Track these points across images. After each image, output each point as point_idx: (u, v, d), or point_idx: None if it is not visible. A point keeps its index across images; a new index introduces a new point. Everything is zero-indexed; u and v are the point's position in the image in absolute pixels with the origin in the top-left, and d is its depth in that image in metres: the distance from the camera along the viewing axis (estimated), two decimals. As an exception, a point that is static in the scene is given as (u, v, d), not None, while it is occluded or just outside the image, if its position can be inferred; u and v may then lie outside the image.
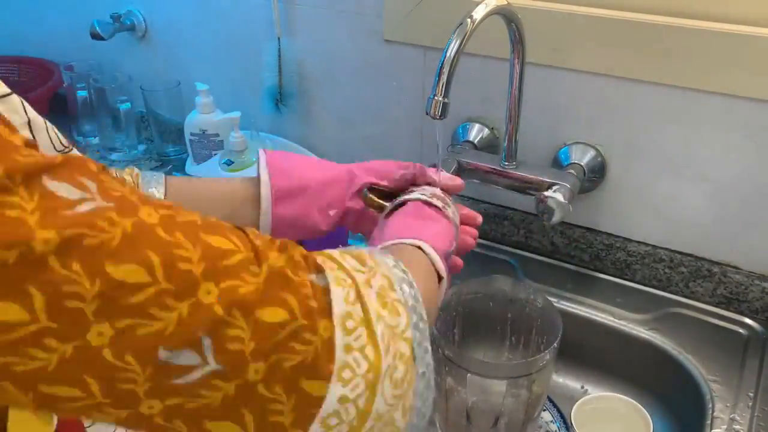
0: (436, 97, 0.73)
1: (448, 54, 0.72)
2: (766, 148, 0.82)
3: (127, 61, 1.33)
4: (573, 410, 0.76)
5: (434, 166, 0.74)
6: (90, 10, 1.29)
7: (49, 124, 0.42)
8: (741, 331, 0.88)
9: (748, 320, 0.89)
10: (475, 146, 0.99)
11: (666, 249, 0.94)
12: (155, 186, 0.64)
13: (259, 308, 0.34)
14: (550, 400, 0.87)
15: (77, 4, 1.34)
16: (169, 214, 0.34)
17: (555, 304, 0.94)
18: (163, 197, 0.63)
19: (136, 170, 0.65)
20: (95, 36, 1.24)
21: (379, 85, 1.06)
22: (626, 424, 0.77)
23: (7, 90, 0.39)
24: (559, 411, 0.86)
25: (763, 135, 0.82)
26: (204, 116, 1.19)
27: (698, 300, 0.93)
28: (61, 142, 0.43)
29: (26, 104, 0.40)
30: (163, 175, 0.66)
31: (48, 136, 0.42)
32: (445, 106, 0.73)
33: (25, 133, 0.39)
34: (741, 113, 0.82)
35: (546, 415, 0.85)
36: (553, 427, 0.83)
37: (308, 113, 1.17)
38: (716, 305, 0.92)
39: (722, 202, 0.88)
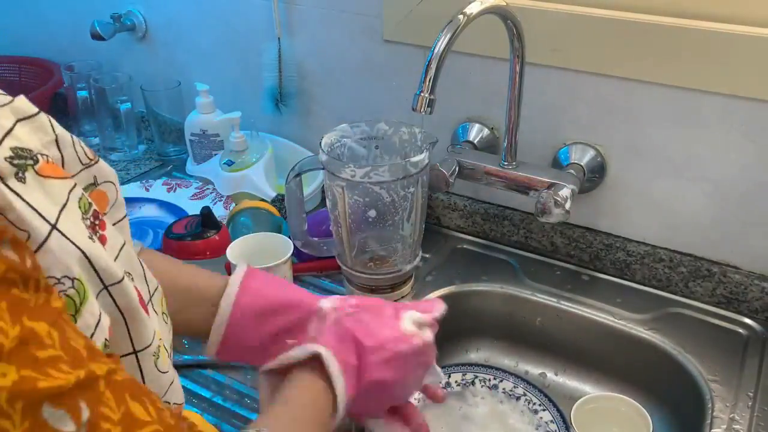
0: (422, 93, 0.73)
1: (436, 50, 0.72)
2: (766, 148, 0.82)
3: (127, 61, 1.34)
4: (573, 410, 0.76)
5: (434, 166, 0.73)
6: (90, 10, 1.29)
7: (75, 138, 0.43)
8: (740, 330, 0.88)
9: (747, 320, 0.89)
10: (475, 146, 0.99)
11: (665, 249, 0.94)
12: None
13: None
14: (550, 400, 0.87)
15: (77, 4, 1.34)
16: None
17: (555, 304, 0.94)
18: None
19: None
20: (95, 36, 1.25)
21: (379, 85, 1.06)
22: (626, 424, 0.77)
23: (35, 110, 0.40)
24: (558, 411, 0.86)
25: (763, 135, 0.82)
26: (204, 116, 1.19)
27: (698, 300, 0.93)
28: (86, 155, 0.44)
29: (53, 122, 0.41)
30: (140, 245, 0.62)
31: (74, 151, 0.43)
32: (431, 102, 0.73)
33: (52, 151, 0.40)
34: (741, 113, 0.82)
35: (546, 415, 0.85)
36: (553, 427, 0.83)
37: (308, 113, 1.17)
38: (716, 305, 0.92)
39: (722, 202, 0.88)
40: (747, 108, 0.81)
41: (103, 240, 0.42)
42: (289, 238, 0.91)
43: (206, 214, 0.90)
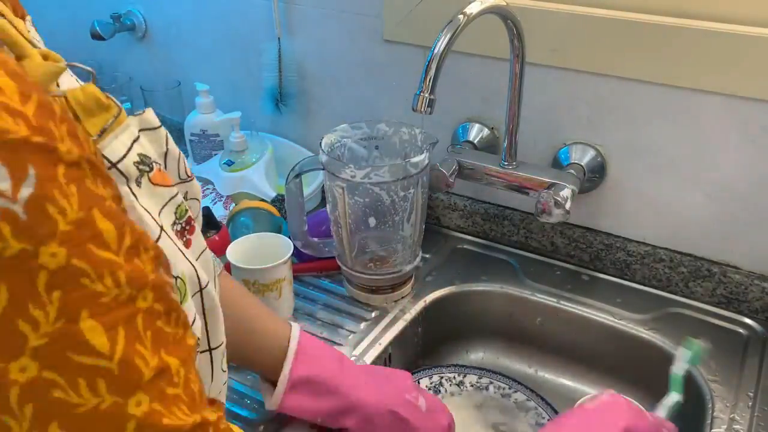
0: (422, 93, 0.73)
1: (436, 50, 0.72)
2: (766, 148, 0.82)
3: (127, 61, 1.34)
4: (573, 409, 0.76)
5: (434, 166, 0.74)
6: (90, 10, 1.29)
7: (182, 155, 0.47)
8: (741, 331, 0.88)
9: (747, 320, 0.89)
10: (475, 146, 0.99)
11: (666, 249, 0.94)
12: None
13: None
14: (543, 399, 0.87)
15: (77, 4, 1.34)
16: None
17: (555, 304, 0.94)
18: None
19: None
20: (95, 36, 1.25)
21: (379, 85, 1.06)
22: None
23: (157, 123, 0.43)
24: (554, 410, 0.86)
25: (763, 135, 0.82)
26: (204, 116, 1.19)
27: (698, 300, 0.93)
28: (186, 172, 0.47)
29: (169, 137, 0.45)
30: (221, 267, 0.68)
31: (177, 166, 0.46)
32: (431, 102, 0.72)
33: (161, 162, 0.43)
34: (741, 113, 0.82)
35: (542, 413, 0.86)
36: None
37: (308, 113, 1.17)
38: (716, 305, 0.92)
39: (722, 202, 0.88)
40: (747, 108, 0.81)
41: (188, 244, 0.45)
42: (289, 238, 0.91)
43: (206, 214, 0.90)
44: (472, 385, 0.90)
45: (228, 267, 0.87)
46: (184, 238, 0.44)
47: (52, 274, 0.28)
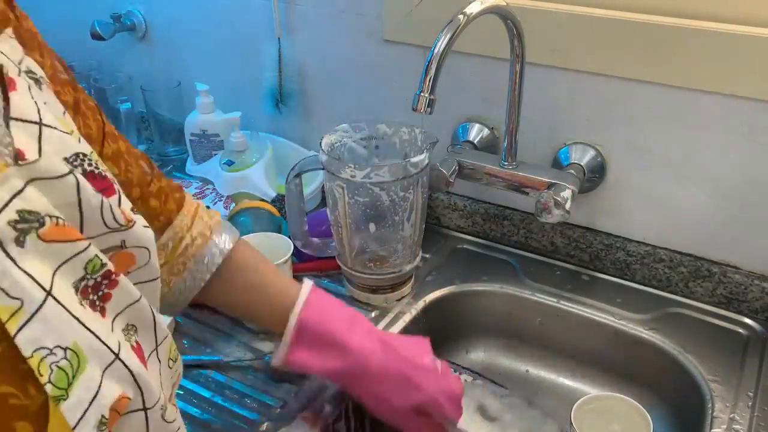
0: (422, 93, 0.73)
1: (436, 50, 0.72)
2: (766, 148, 0.82)
3: (127, 61, 1.34)
4: (573, 410, 0.76)
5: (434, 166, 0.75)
6: (90, 10, 1.29)
7: (106, 203, 0.41)
8: (741, 331, 0.88)
9: (747, 320, 0.89)
10: (475, 146, 0.99)
11: (666, 249, 0.94)
12: (226, 236, 0.67)
13: None
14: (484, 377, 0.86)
15: (77, 4, 1.34)
16: None
17: (555, 304, 0.94)
18: (229, 248, 0.67)
19: (218, 216, 0.69)
20: (95, 36, 1.25)
21: (379, 85, 1.06)
22: (626, 423, 0.77)
23: (63, 170, 0.37)
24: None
25: (763, 135, 0.82)
26: (204, 116, 1.19)
27: (698, 300, 0.93)
28: (116, 221, 0.42)
29: (83, 184, 0.39)
30: (238, 236, 0.69)
31: (101, 216, 0.41)
32: (431, 102, 0.73)
33: (69, 212, 0.38)
34: (741, 113, 0.82)
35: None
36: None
37: (308, 113, 1.17)
38: (716, 305, 0.92)
39: (722, 202, 0.88)
40: (747, 108, 0.81)
41: (106, 299, 0.40)
42: (289, 238, 0.91)
43: (206, 214, 0.90)
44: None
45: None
46: (99, 293, 0.39)
47: None
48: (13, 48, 0.41)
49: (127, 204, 0.43)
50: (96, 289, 0.39)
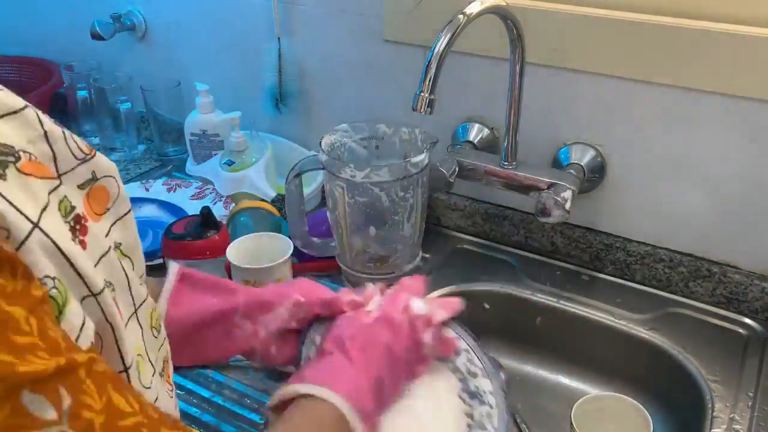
0: (422, 93, 0.73)
1: (436, 50, 0.72)
2: (766, 148, 0.82)
3: (127, 61, 1.34)
4: (573, 410, 0.76)
5: (435, 165, 0.74)
6: (90, 10, 1.29)
7: (67, 132, 0.41)
8: (741, 331, 0.88)
9: (747, 320, 0.89)
10: (475, 146, 0.99)
11: (666, 249, 0.94)
12: None
13: None
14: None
15: (77, 4, 1.34)
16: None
17: (555, 304, 0.94)
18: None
19: None
20: (95, 36, 1.25)
21: (379, 85, 1.06)
22: (627, 423, 0.77)
23: (22, 104, 0.38)
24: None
25: (763, 135, 0.82)
26: (204, 116, 1.19)
27: (698, 300, 0.93)
28: (81, 149, 0.42)
29: (42, 116, 0.40)
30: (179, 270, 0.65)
31: (67, 146, 0.41)
32: (431, 102, 0.73)
33: (41, 147, 0.39)
34: (741, 113, 0.82)
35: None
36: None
37: (308, 113, 1.17)
38: (716, 305, 0.92)
39: (722, 202, 0.88)
40: (747, 108, 0.81)
41: (83, 245, 0.40)
42: (289, 238, 0.91)
43: (206, 214, 0.90)
44: None
45: (228, 267, 0.87)
46: (77, 239, 0.39)
47: None
48: None
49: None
50: (72, 233, 0.39)
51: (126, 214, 0.47)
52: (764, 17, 0.77)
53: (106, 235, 0.44)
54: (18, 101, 0.38)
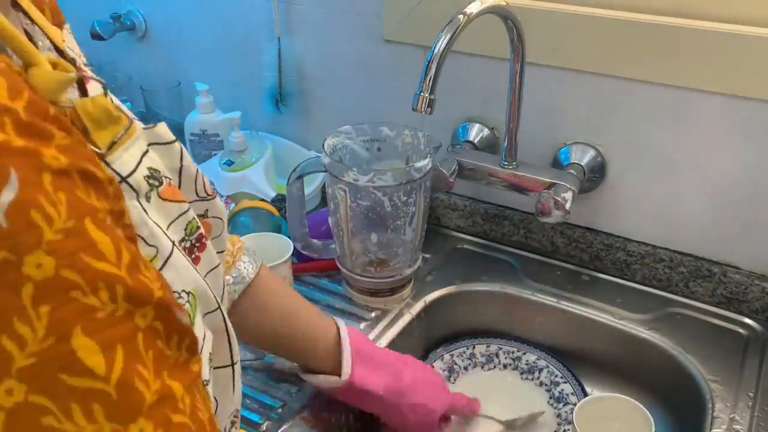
0: (422, 93, 0.73)
1: (436, 50, 0.72)
2: (766, 149, 0.82)
3: (127, 61, 1.33)
4: (575, 411, 0.76)
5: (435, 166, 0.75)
6: (90, 10, 1.29)
7: (200, 173, 0.45)
8: (741, 331, 0.88)
9: (748, 320, 0.89)
10: (475, 146, 0.99)
11: (666, 249, 0.94)
12: (249, 263, 0.68)
13: None
14: (571, 372, 0.88)
15: (77, 4, 1.34)
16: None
17: (555, 304, 0.94)
18: (252, 276, 0.67)
19: (240, 242, 0.69)
20: (95, 36, 1.25)
21: (379, 85, 1.06)
22: (628, 424, 0.77)
23: (172, 138, 0.42)
24: (565, 367, 0.87)
25: (764, 135, 0.82)
26: (204, 116, 1.19)
27: (698, 300, 0.93)
28: (205, 191, 0.46)
29: (185, 153, 0.43)
30: (261, 261, 0.70)
31: (194, 184, 0.45)
32: (431, 102, 0.73)
33: (173, 178, 0.42)
34: (741, 113, 0.82)
35: (566, 387, 0.86)
36: (573, 399, 0.84)
37: (308, 113, 1.17)
38: (716, 305, 0.92)
39: (722, 202, 0.88)
40: (747, 108, 0.81)
41: (197, 261, 0.43)
42: (289, 238, 0.90)
43: (206, 214, 0.90)
44: (482, 355, 0.95)
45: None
46: (193, 255, 0.43)
47: (38, 285, 0.26)
48: (73, 43, 0.44)
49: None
50: (190, 251, 0.43)
51: (220, 252, 0.51)
52: (764, 17, 0.77)
53: None
54: (170, 135, 0.42)
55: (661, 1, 0.82)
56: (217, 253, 0.49)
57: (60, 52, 0.39)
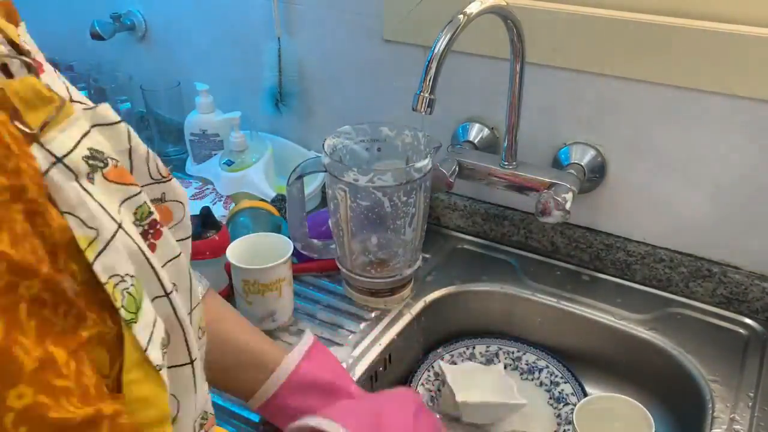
0: (422, 93, 0.73)
1: (436, 50, 0.72)
2: (766, 149, 0.82)
3: (127, 61, 1.33)
4: (575, 411, 0.76)
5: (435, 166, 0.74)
6: (90, 10, 1.29)
7: (152, 154, 0.44)
8: (741, 331, 0.88)
9: (748, 320, 0.89)
10: (475, 146, 0.99)
11: (666, 249, 0.94)
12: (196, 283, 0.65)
13: None
14: (571, 373, 0.87)
15: (77, 4, 1.34)
16: None
17: (555, 304, 0.94)
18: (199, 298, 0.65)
19: None
20: (95, 36, 1.25)
21: (379, 85, 1.06)
22: (628, 424, 0.77)
23: (117, 118, 0.41)
24: (565, 367, 0.86)
25: (763, 135, 0.82)
26: (204, 116, 1.19)
27: (698, 300, 0.93)
28: (159, 172, 0.45)
29: (132, 133, 0.42)
30: (207, 284, 0.67)
31: (147, 165, 0.44)
32: (431, 102, 0.73)
33: (124, 159, 0.41)
34: (741, 113, 0.82)
35: (566, 388, 0.86)
36: (573, 399, 0.84)
37: (308, 113, 1.17)
38: (716, 305, 0.92)
39: (722, 202, 0.88)
40: (747, 108, 0.81)
41: (152, 248, 0.42)
42: (289, 238, 0.90)
43: (206, 214, 0.90)
44: (482, 355, 0.95)
45: (228, 267, 0.87)
46: (148, 242, 0.42)
47: None
48: (31, 41, 0.43)
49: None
50: (144, 237, 0.41)
51: (184, 239, 0.49)
52: (764, 17, 0.77)
53: None
54: (115, 116, 0.41)
55: (661, 1, 0.82)
56: (180, 240, 0.47)
57: (15, 45, 0.39)
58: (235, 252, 0.85)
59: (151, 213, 0.42)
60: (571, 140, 0.94)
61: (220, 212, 1.06)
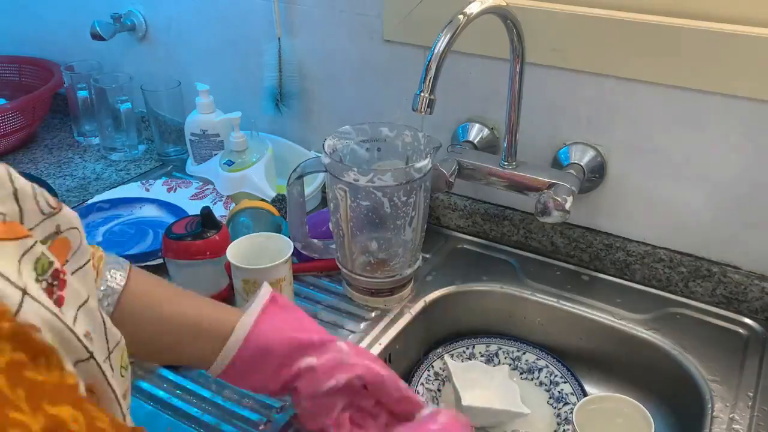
0: (422, 93, 0.73)
1: (436, 50, 0.72)
2: (765, 149, 0.82)
3: (128, 61, 1.34)
4: (575, 410, 0.76)
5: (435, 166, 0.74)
6: (90, 11, 1.30)
7: (37, 189, 0.40)
8: (741, 331, 0.88)
9: (747, 320, 0.89)
10: (475, 146, 0.99)
11: (666, 249, 0.94)
12: (115, 271, 0.60)
13: None
14: (571, 372, 0.87)
15: (77, 4, 1.34)
16: None
17: (555, 304, 0.94)
18: (122, 284, 0.60)
19: (100, 251, 0.61)
20: (96, 36, 1.25)
21: (379, 86, 1.06)
22: (628, 424, 0.77)
23: None
24: (564, 366, 0.86)
25: (763, 135, 0.82)
26: (204, 116, 1.19)
27: (698, 300, 0.93)
28: (49, 205, 0.41)
29: (13, 173, 0.38)
30: (128, 265, 0.62)
31: (36, 203, 0.40)
32: (431, 102, 0.73)
33: (9, 205, 0.37)
34: (741, 113, 0.82)
35: (566, 387, 0.86)
36: (573, 399, 0.84)
37: (308, 113, 1.17)
38: (716, 305, 0.92)
39: (722, 202, 0.88)
40: (747, 108, 0.81)
41: (60, 301, 0.38)
42: (289, 238, 0.90)
43: (206, 214, 0.90)
44: (482, 355, 0.95)
45: (228, 267, 0.87)
46: (54, 296, 0.37)
47: None
48: None
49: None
50: (50, 292, 0.37)
51: (84, 264, 0.45)
52: (764, 17, 0.78)
53: None
54: None
55: (662, 1, 0.82)
56: (80, 268, 0.44)
57: None
58: (235, 252, 0.85)
59: (51, 263, 0.38)
60: (570, 140, 0.94)
61: (220, 212, 1.06)
